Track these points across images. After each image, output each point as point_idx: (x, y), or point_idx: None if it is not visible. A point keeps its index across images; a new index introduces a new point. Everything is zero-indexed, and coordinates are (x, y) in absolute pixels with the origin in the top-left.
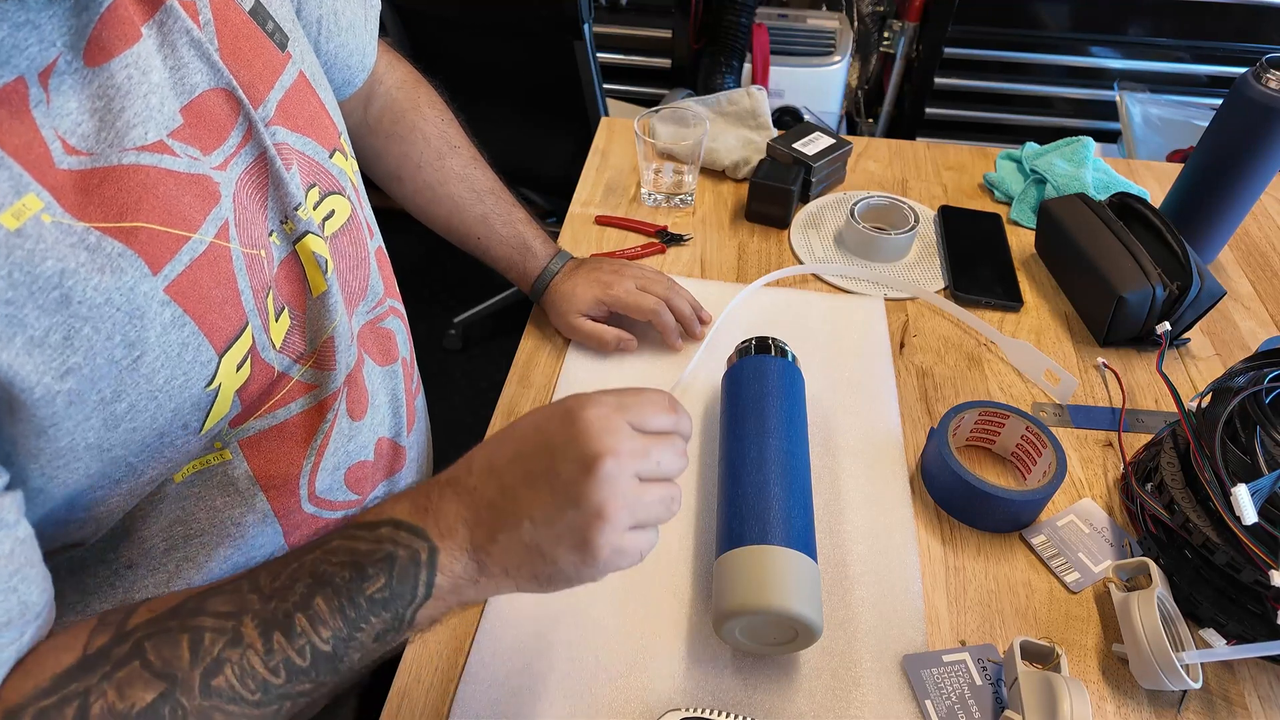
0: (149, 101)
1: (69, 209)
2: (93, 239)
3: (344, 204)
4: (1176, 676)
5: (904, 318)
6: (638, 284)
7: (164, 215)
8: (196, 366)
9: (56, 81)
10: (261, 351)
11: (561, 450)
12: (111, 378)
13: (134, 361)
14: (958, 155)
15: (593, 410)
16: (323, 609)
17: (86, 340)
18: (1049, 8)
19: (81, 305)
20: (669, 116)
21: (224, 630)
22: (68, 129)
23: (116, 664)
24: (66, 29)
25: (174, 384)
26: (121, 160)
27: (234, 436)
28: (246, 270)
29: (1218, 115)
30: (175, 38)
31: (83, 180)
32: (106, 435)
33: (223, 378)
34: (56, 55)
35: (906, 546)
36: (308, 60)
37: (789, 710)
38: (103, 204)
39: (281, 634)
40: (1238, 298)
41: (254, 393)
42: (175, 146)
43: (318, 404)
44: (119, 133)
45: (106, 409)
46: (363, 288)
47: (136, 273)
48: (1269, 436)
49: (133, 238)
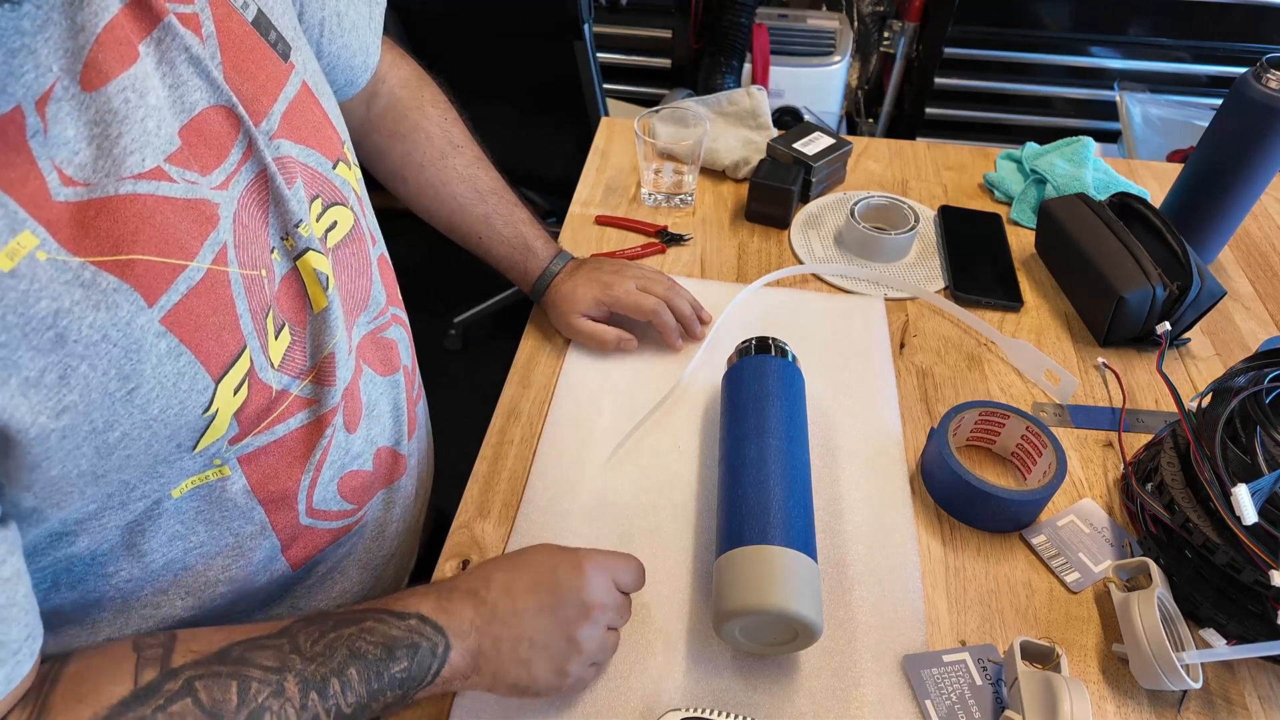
0: (146, 125)
1: (64, 243)
2: (88, 274)
3: (347, 215)
4: (1176, 676)
5: (904, 318)
6: (638, 284)
7: (160, 245)
8: (193, 395)
9: (54, 109)
10: (260, 373)
11: (569, 594)
12: (105, 409)
13: (128, 394)
14: (958, 155)
15: (597, 569)
16: (354, 679)
17: (83, 378)
18: (1049, 8)
19: (77, 344)
20: (669, 116)
21: (269, 682)
22: (65, 159)
23: (169, 698)
24: (63, 52)
25: (169, 413)
26: (119, 190)
27: (233, 453)
28: (245, 292)
29: (1218, 115)
30: (174, 55)
31: (79, 213)
32: (99, 463)
33: (219, 403)
34: (54, 81)
35: (906, 546)
36: (310, 69)
37: (789, 710)
38: (98, 237)
39: (317, 694)
40: (1238, 298)
41: (252, 414)
42: (173, 172)
43: (316, 419)
44: (116, 160)
45: (99, 438)
46: (364, 298)
47: (132, 306)
48: (1269, 436)
49: (128, 271)
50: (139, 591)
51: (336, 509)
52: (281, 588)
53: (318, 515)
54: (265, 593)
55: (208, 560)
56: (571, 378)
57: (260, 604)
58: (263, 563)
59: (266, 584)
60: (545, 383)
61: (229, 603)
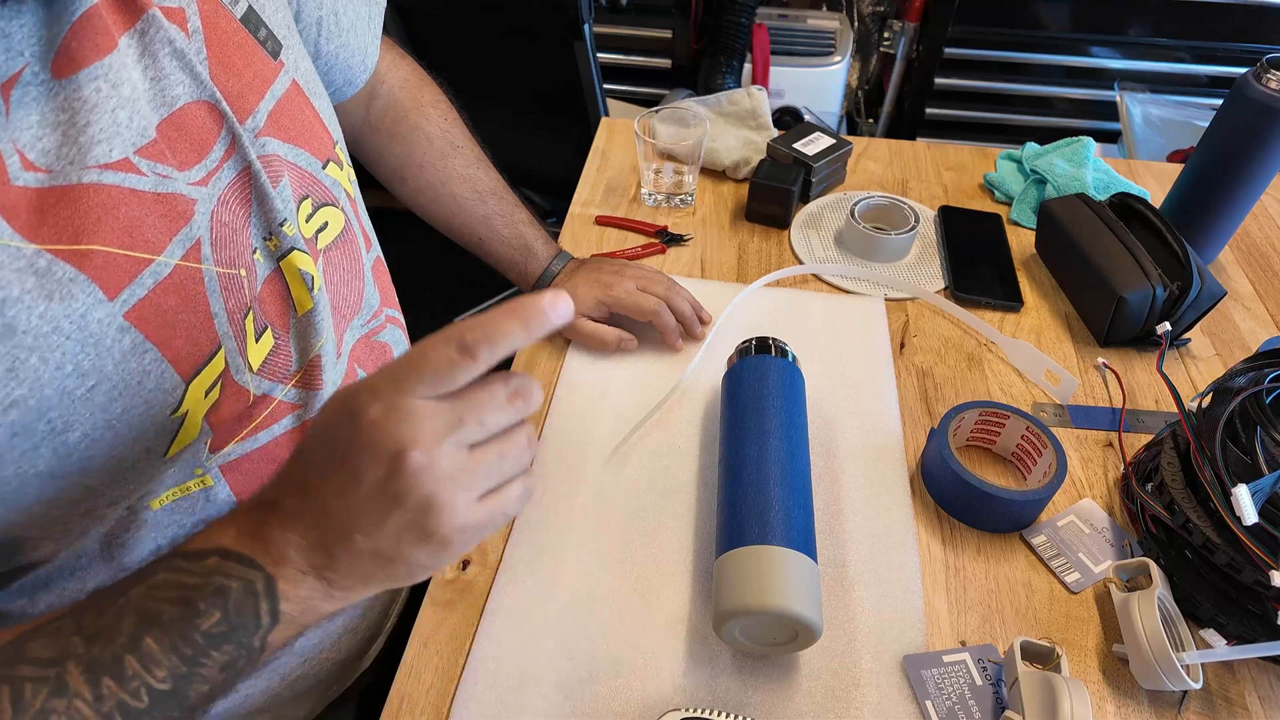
0: (116, 117)
1: (20, 229)
2: (43, 263)
3: (337, 216)
4: (1177, 677)
5: (904, 318)
6: (638, 284)
7: (123, 237)
8: (159, 394)
9: (19, 93)
10: (235, 375)
11: (358, 454)
12: (62, 408)
13: (88, 391)
14: (958, 155)
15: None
16: (153, 648)
17: (33, 371)
18: (1049, 8)
19: (26, 335)
20: (669, 117)
21: (45, 679)
22: (27, 143)
23: None
24: (36, 39)
25: (133, 413)
26: (82, 179)
27: (215, 462)
28: (221, 291)
29: (1218, 115)
30: (157, 48)
31: (39, 199)
32: (58, 464)
33: (189, 404)
34: (23, 66)
35: (906, 546)
36: (302, 68)
37: (789, 710)
38: (58, 225)
39: (111, 678)
40: (1238, 298)
41: (226, 417)
42: (142, 165)
43: (302, 425)
44: (82, 149)
45: (57, 439)
46: (357, 301)
47: (89, 299)
48: (1269, 436)
49: (86, 261)
50: None
51: None
52: None
53: None
54: None
55: None
56: (571, 378)
57: None
58: None
59: None
60: (545, 382)
61: None
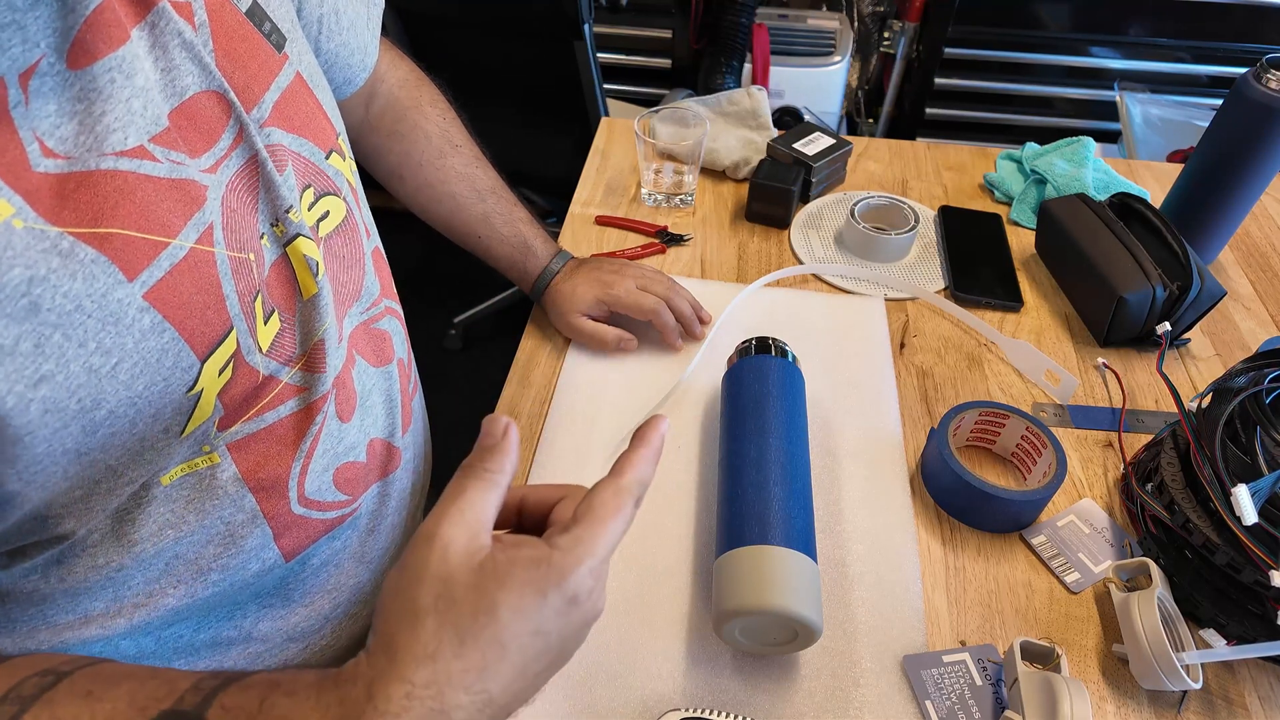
0: (131, 106)
1: (43, 213)
2: (65, 244)
3: (339, 205)
4: (1177, 677)
5: (904, 318)
6: (638, 284)
7: (140, 221)
8: (177, 372)
9: (37, 84)
10: (246, 355)
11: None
12: (90, 385)
13: (112, 368)
14: (958, 155)
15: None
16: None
17: (58, 347)
18: (1049, 8)
19: (50, 312)
20: (669, 116)
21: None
22: (46, 130)
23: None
24: (52, 30)
25: (154, 390)
26: (100, 165)
27: (222, 440)
28: (232, 274)
29: (1218, 115)
30: (167, 39)
31: (60, 184)
32: (85, 441)
33: (204, 383)
34: (40, 57)
35: (906, 546)
36: (305, 61)
37: (789, 710)
38: (78, 209)
39: None
40: (1238, 298)
41: (237, 396)
42: (156, 151)
43: (306, 406)
44: (98, 137)
45: (86, 416)
46: (356, 289)
47: (109, 279)
48: (1269, 437)
49: (106, 243)
50: (130, 581)
51: (330, 499)
52: (277, 580)
53: (310, 505)
54: (260, 585)
55: (199, 548)
56: (571, 378)
57: (255, 597)
58: (254, 550)
59: (259, 573)
60: (545, 382)
61: (222, 593)
